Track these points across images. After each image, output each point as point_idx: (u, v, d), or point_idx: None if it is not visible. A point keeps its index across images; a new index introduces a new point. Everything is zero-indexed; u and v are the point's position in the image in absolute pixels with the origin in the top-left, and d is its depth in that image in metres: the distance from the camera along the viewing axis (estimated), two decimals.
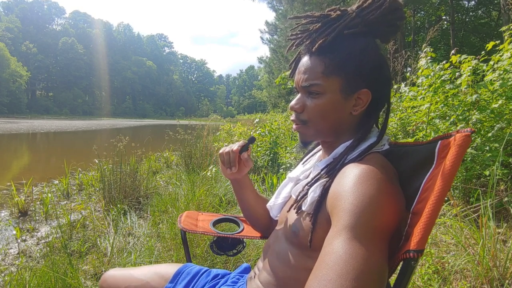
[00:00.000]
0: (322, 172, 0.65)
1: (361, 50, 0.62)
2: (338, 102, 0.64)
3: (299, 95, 0.68)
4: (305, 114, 0.67)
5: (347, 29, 0.62)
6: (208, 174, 3.63)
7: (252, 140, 0.80)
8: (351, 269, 0.44)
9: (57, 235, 2.39)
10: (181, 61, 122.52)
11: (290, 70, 0.74)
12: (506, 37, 2.29)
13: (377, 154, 0.62)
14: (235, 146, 0.82)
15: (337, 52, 0.62)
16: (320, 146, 0.77)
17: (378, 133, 0.65)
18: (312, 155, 0.80)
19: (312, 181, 0.65)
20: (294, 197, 0.70)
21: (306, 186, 0.66)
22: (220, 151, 0.83)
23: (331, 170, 0.63)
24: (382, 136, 0.64)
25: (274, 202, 0.81)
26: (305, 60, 0.66)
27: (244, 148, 0.80)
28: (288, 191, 0.79)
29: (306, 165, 0.78)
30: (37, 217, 2.92)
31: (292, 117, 0.70)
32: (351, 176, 0.55)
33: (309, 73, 0.64)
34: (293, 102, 0.68)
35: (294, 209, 0.66)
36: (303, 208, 0.63)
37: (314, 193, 0.63)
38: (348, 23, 0.63)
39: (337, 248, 0.47)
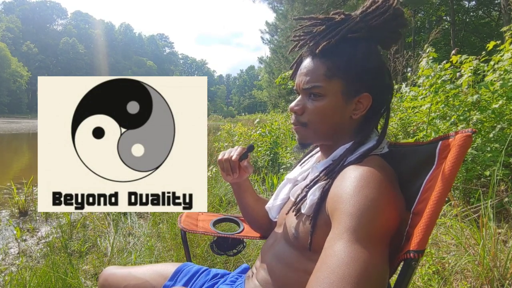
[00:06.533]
0: (321, 174, 0.65)
1: (364, 54, 0.62)
2: (339, 105, 0.63)
3: (299, 97, 0.68)
4: (305, 116, 0.66)
5: (351, 33, 0.62)
6: (208, 174, 3.63)
7: (251, 148, 0.79)
8: (352, 272, 0.44)
9: (58, 235, 2.40)
10: (182, 61, 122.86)
11: (292, 72, 0.73)
12: (506, 37, 2.28)
13: (377, 157, 0.62)
14: (234, 155, 0.80)
15: (339, 55, 0.62)
16: (318, 148, 0.77)
17: (378, 137, 0.65)
18: (310, 156, 0.80)
19: (311, 183, 0.65)
20: (292, 199, 0.69)
21: (305, 188, 0.65)
22: (219, 157, 0.82)
23: (330, 172, 0.63)
24: (382, 140, 0.64)
25: (273, 204, 0.81)
26: (307, 62, 0.66)
27: (243, 156, 0.80)
28: (286, 193, 0.79)
29: (304, 167, 0.78)
30: (37, 217, 2.92)
31: (292, 119, 0.70)
32: (352, 179, 0.54)
33: (311, 75, 0.64)
34: (293, 104, 0.68)
35: (293, 211, 0.66)
36: (303, 211, 0.63)
37: (313, 195, 0.62)
38: (352, 27, 0.63)
39: (338, 250, 0.47)
